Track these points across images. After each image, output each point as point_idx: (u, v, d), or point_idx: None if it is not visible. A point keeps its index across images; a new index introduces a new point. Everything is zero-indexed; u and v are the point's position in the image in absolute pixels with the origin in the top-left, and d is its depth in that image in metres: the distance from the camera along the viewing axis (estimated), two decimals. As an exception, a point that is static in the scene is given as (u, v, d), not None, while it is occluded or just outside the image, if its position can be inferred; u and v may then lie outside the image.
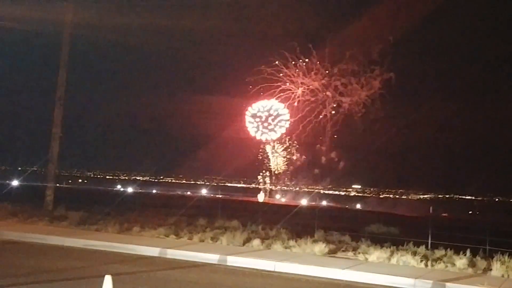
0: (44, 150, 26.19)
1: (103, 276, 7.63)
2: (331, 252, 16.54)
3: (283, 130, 68.84)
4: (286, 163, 71.43)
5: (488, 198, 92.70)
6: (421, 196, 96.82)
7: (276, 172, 71.36)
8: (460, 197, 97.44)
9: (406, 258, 15.43)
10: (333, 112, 67.13)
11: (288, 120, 67.93)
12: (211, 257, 14.95)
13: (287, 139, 70.25)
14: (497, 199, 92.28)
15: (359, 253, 16.45)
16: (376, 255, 15.81)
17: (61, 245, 16.41)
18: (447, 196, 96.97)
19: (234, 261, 14.69)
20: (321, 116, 66.74)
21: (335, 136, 67.50)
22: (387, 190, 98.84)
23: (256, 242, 17.25)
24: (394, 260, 15.46)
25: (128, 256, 15.06)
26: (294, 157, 70.79)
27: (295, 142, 69.84)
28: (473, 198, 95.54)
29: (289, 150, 70.93)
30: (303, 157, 70.78)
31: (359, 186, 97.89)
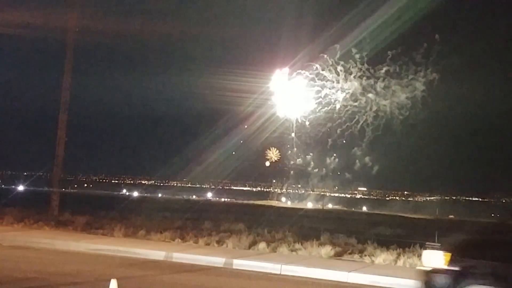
0: (50, 155, 26.22)
1: (109, 280, 7.63)
2: (337, 255, 16.49)
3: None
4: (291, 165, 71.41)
5: (495, 200, 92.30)
6: (427, 198, 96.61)
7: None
8: (466, 198, 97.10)
9: (412, 260, 15.36)
10: (373, 116, 66.42)
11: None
12: (217, 260, 14.93)
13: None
14: (504, 200, 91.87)
15: (366, 255, 16.41)
16: (383, 257, 15.77)
17: (67, 249, 16.42)
18: (454, 198, 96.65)
19: (240, 264, 14.66)
20: (361, 122, 65.83)
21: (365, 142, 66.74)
22: (393, 192, 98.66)
23: (262, 245, 17.24)
24: (400, 262, 15.40)
25: (134, 260, 15.05)
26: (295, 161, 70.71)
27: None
28: (480, 199, 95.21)
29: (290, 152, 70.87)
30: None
31: (365, 189, 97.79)
